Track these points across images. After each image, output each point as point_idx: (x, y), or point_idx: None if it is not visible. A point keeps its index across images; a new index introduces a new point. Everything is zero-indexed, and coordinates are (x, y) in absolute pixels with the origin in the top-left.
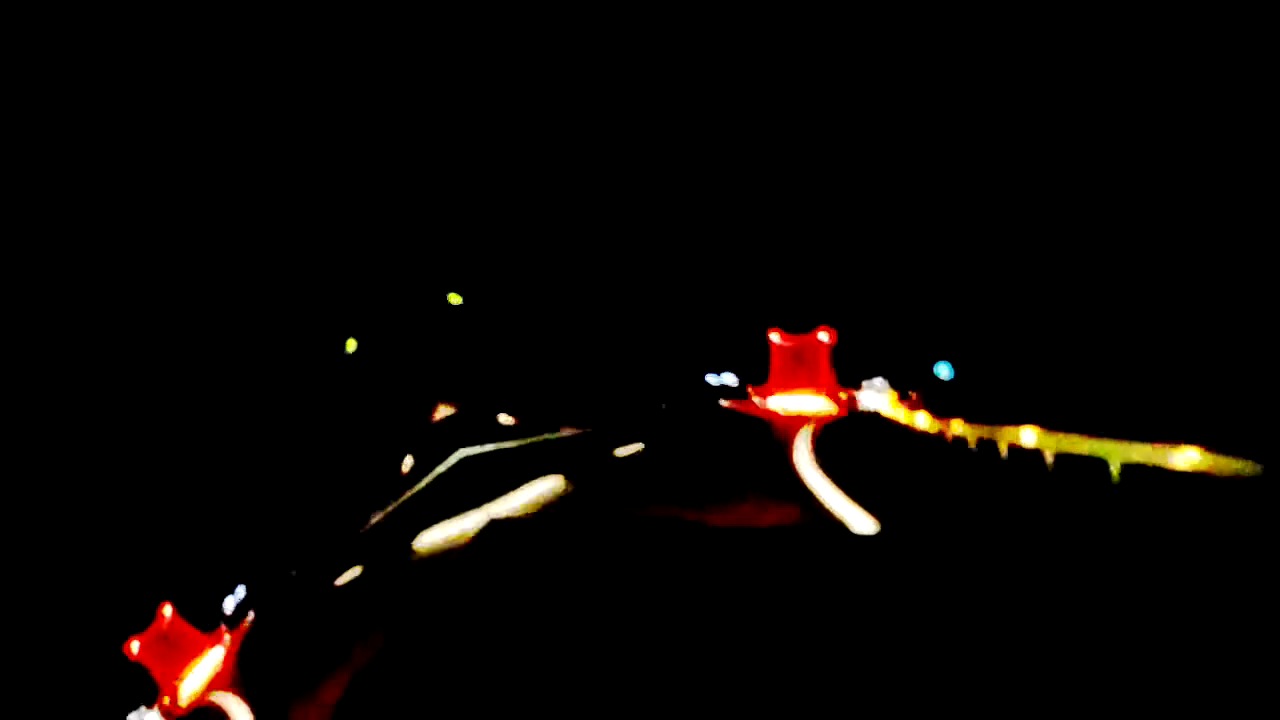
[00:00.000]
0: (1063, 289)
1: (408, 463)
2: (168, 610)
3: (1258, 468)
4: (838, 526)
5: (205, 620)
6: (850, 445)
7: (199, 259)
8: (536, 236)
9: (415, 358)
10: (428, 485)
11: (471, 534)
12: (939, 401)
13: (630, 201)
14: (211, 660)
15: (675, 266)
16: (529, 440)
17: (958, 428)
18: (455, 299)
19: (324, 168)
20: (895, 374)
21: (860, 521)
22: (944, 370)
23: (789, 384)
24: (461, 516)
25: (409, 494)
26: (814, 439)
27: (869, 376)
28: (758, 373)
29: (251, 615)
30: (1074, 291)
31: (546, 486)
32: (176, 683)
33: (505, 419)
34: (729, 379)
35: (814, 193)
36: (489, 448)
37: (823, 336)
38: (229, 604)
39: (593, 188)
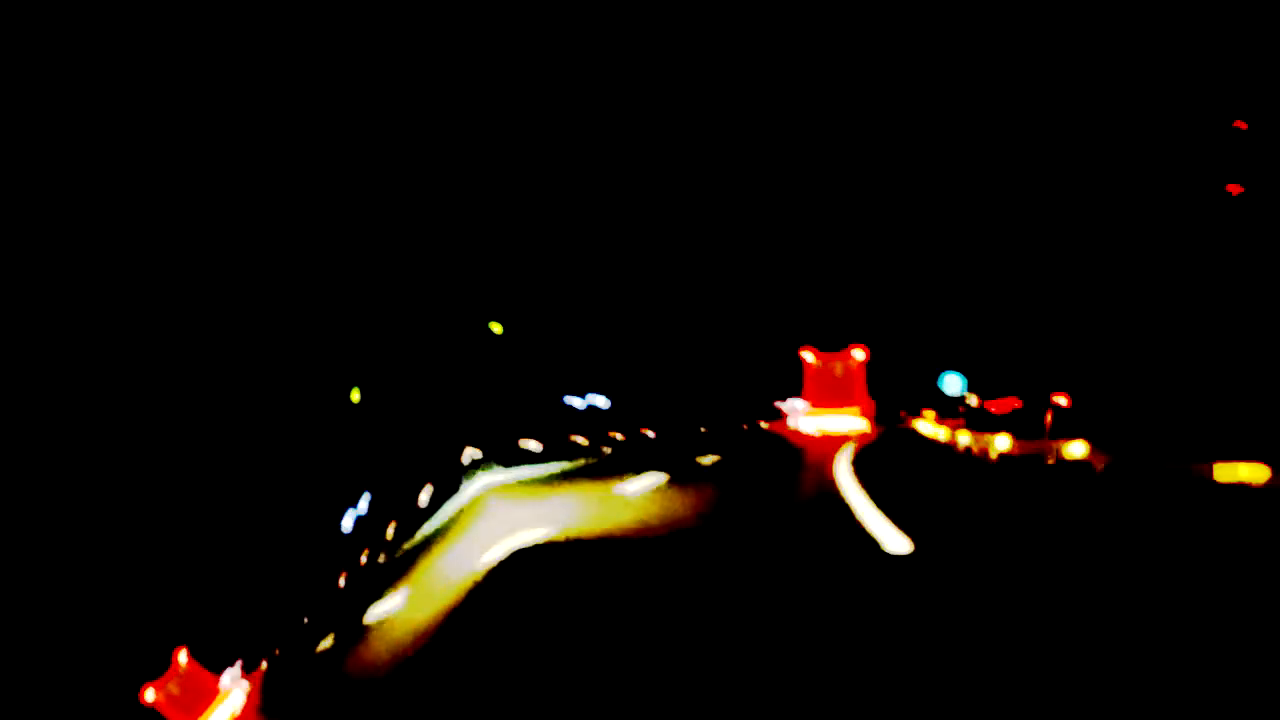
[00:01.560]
0: (1095, 295)
1: (425, 494)
2: (183, 656)
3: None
4: (872, 545)
5: (220, 663)
6: (889, 463)
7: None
8: (562, 258)
9: (438, 385)
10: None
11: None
12: (981, 418)
13: (649, 216)
14: (231, 706)
15: (701, 285)
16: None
17: (1000, 443)
18: (497, 328)
19: (349, 179)
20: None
21: (895, 541)
22: (954, 384)
23: (824, 403)
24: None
25: (427, 524)
26: (854, 457)
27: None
28: (788, 393)
29: (267, 661)
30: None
31: (653, 480)
32: None
33: (530, 444)
34: (598, 400)
35: (839, 207)
36: (512, 476)
37: (857, 354)
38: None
39: (611, 202)
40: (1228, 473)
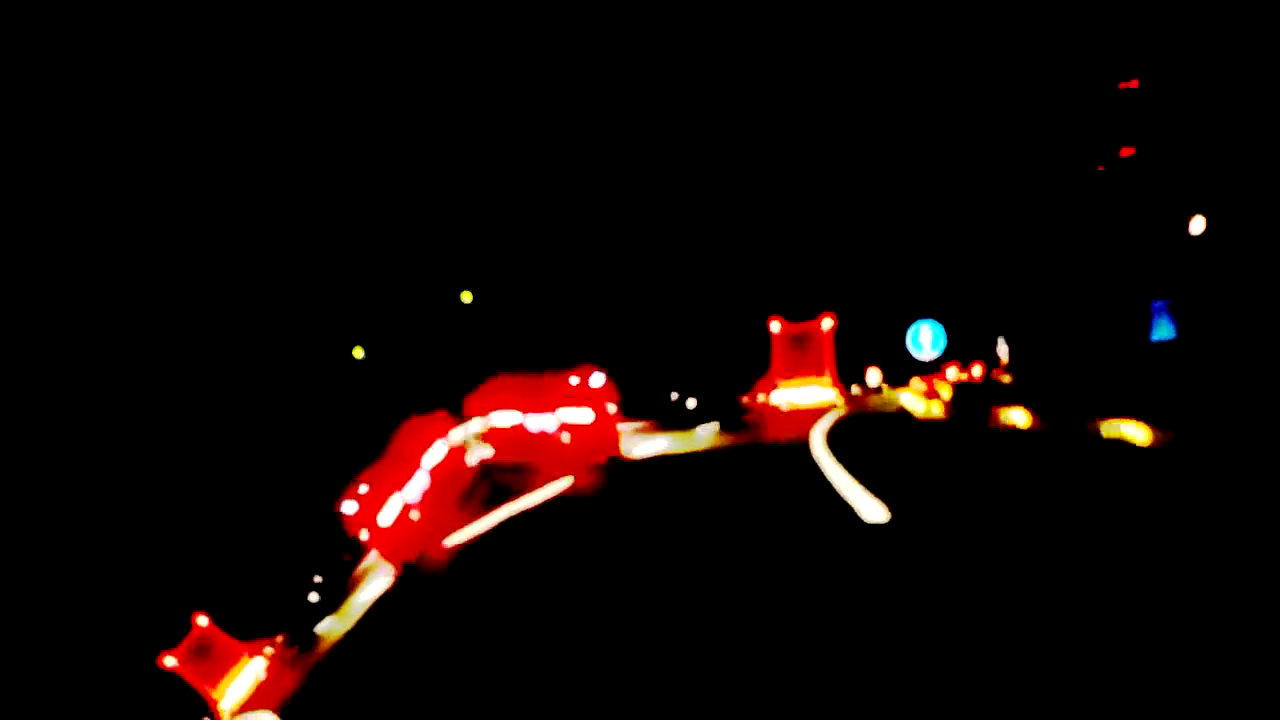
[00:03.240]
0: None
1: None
2: (203, 620)
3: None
4: (850, 515)
5: (241, 627)
6: (866, 434)
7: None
8: (535, 236)
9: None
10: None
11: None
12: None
13: (607, 194)
14: (252, 672)
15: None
16: None
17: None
18: (467, 297)
19: (335, 171)
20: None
21: (873, 510)
22: (929, 338)
23: (793, 374)
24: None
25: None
26: (830, 429)
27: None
28: (755, 365)
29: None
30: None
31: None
32: (215, 697)
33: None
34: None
35: (800, 182)
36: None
37: (826, 323)
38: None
39: (570, 179)
40: (1112, 429)
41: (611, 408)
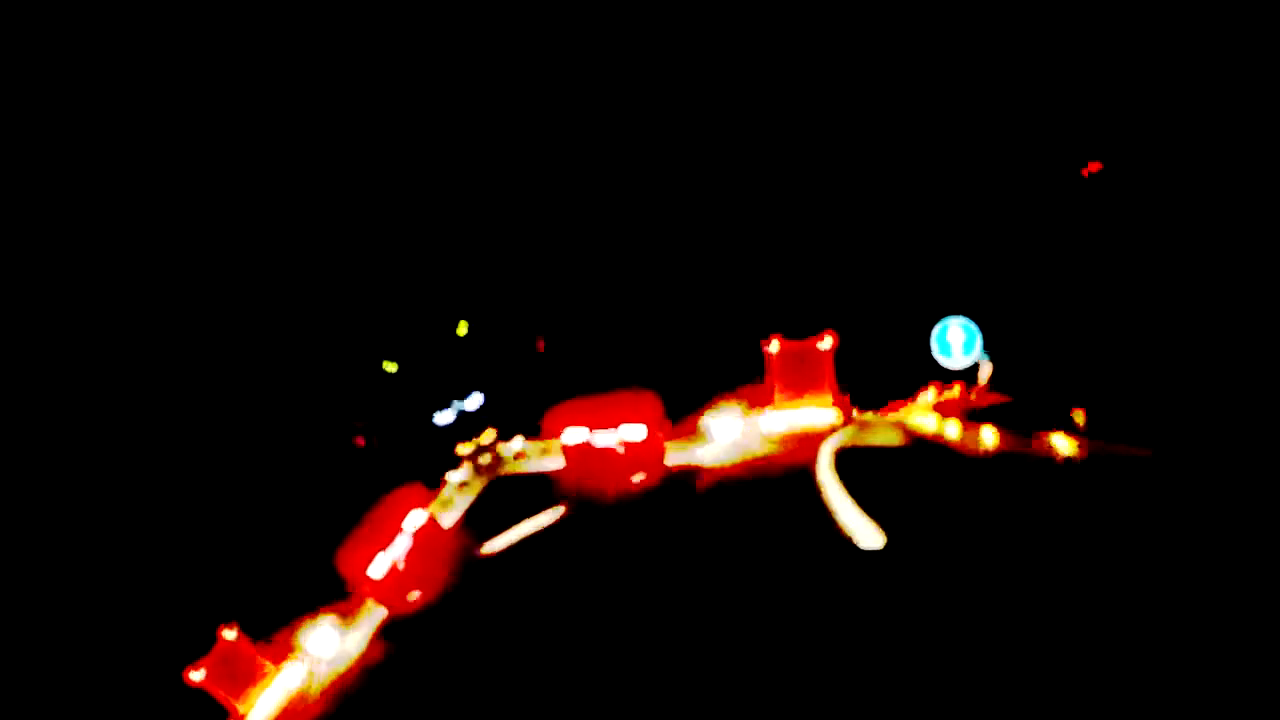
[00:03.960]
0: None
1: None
2: (231, 633)
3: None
4: (845, 542)
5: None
6: (869, 458)
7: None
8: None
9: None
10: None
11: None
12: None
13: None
14: (286, 683)
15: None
16: None
17: (987, 437)
18: (463, 329)
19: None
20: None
21: (869, 536)
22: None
23: (792, 396)
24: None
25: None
26: (835, 453)
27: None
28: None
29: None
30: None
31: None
32: (243, 711)
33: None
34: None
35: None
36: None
37: (826, 342)
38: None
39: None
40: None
41: (657, 425)
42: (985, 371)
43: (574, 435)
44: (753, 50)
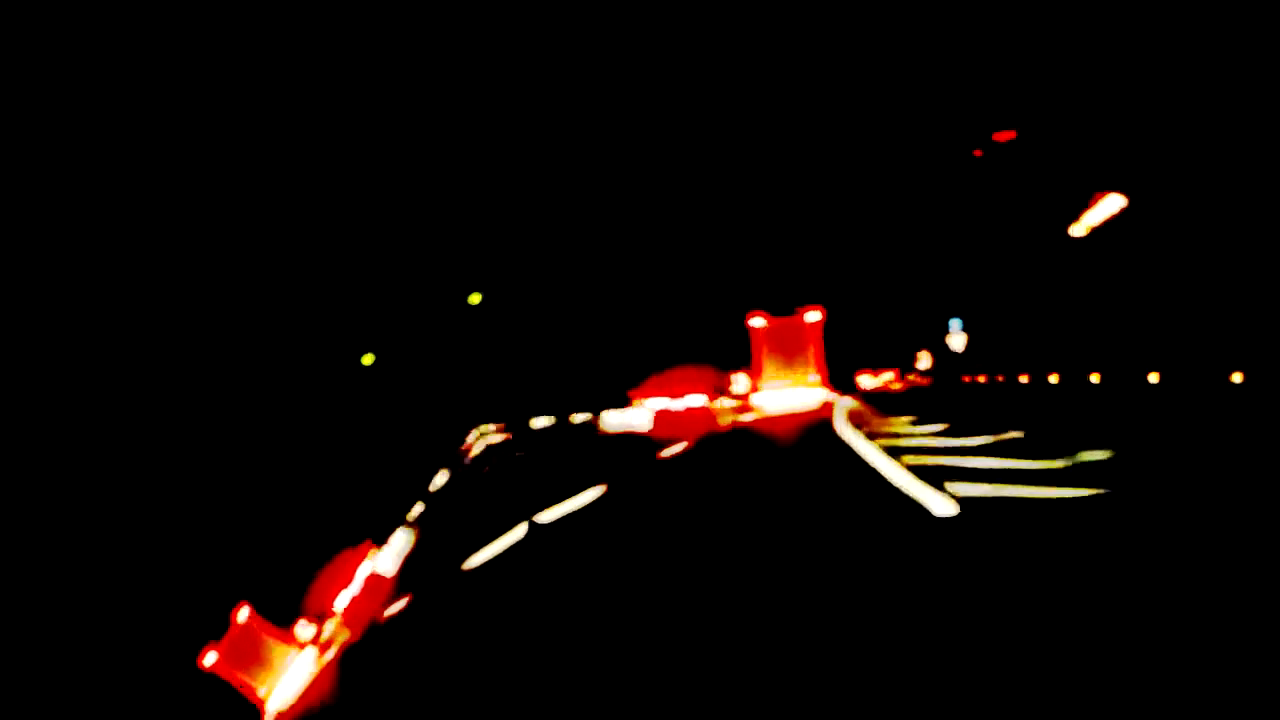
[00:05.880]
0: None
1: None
2: (244, 613)
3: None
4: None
5: (281, 618)
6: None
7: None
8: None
9: (439, 366)
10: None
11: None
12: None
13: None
14: (303, 667)
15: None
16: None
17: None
18: (475, 299)
19: (340, 172)
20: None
21: (940, 505)
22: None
23: (778, 373)
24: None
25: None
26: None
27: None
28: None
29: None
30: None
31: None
32: (261, 695)
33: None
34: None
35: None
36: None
37: (812, 316)
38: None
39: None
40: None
41: (711, 393)
42: (958, 342)
43: (657, 404)
44: (749, 48)
